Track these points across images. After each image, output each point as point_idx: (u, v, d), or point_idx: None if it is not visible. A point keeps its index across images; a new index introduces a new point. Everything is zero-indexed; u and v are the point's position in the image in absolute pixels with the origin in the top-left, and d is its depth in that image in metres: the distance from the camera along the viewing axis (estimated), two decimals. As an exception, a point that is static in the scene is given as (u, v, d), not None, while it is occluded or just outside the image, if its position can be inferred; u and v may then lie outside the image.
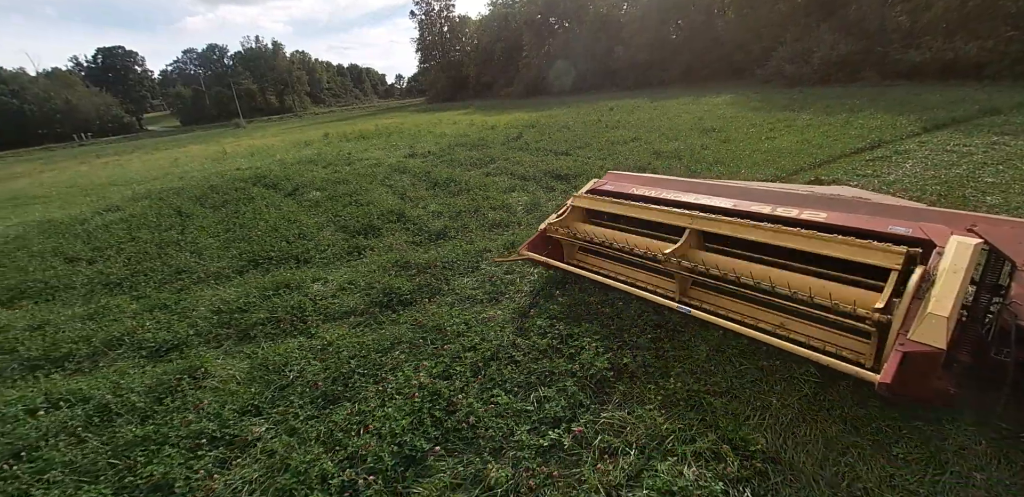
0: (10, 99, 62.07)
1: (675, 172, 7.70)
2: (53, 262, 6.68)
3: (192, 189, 11.26)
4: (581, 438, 2.35)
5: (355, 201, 7.71)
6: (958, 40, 17.62)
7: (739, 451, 2.18)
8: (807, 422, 2.37)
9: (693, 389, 2.58)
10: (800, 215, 2.99)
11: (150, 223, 8.22)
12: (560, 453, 2.28)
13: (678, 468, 2.09)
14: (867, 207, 2.97)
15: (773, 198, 3.32)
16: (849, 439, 2.28)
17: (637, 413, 2.44)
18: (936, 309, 2.11)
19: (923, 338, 2.07)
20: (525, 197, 7.10)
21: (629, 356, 2.91)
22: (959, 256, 2.27)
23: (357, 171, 11.20)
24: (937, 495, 2.01)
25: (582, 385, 2.71)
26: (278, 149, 21.26)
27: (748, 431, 2.28)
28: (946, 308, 2.09)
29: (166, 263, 5.81)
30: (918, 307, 2.20)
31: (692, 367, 2.76)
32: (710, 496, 1.96)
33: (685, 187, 3.89)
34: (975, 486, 2.03)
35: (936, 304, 2.12)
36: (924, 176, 6.77)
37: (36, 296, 5.54)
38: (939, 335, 2.04)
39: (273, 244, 5.88)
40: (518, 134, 14.21)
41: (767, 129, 11.40)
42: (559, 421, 2.47)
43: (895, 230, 2.65)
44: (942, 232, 2.51)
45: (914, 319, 2.15)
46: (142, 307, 4.68)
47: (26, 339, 4.27)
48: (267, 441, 2.52)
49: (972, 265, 2.25)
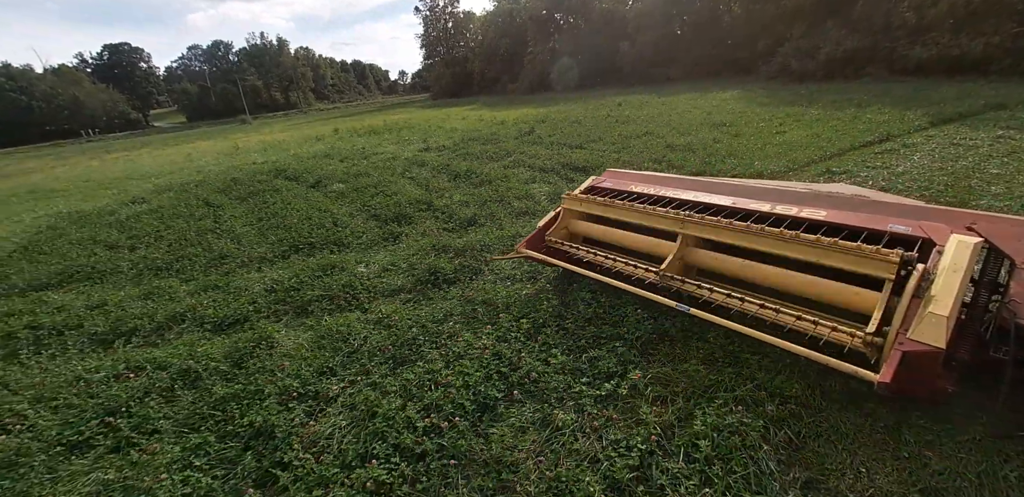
0: (19, 96, 62.44)
1: (690, 164, 7.96)
2: (93, 249, 6.99)
3: (214, 182, 11.57)
4: (634, 387, 2.64)
5: (381, 192, 7.99)
6: (964, 36, 17.74)
7: (775, 397, 2.47)
8: (831, 377, 2.65)
9: (729, 349, 2.87)
10: (800, 213, 2.99)
11: (181, 213, 8.53)
12: (616, 401, 2.58)
13: (723, 410, 2.38)
14: (867, 205, 2.98)
15: (772, 196, 3.31)
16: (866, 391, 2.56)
17: (681, 368, 2.74)
18: (936, 308, 2.13)
19: (923, 337, 2.08)
20: (546, 187, 7.38)
21: (669, 323, 3.20)
22: (959, 255, 2.29)
23: (375, 164, 11.48)
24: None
25: (629, 346, 3.01)
26: (290, 144, 21.51)
27: (782, 381, 2.57)
28: (946, 307, 2.11)
29: (207, 249, 6.11)
30: (918, 306, 2.22)
31: (727, 331, 3.03)
32: (753, 431, 2.25)
33: (684, 185, 3.89)
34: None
35: (936, 303, 2.14)
36: (932, 168, 7.01)
37: (84, 280, 5.84)
38: (939, 334, 2.06)
39: (310, 231, 6.17)
40: (530, 129, 14.46)
41: (776, 124, 11.63)
42: (612, 375, 2.77)
43: (895, 228, 2.66)
44: (942, 231, 2.52)
45: (914, 318, 2.17)
46: (194, 288, 4.98)
47: (88, 317, 4.57)
48: (347, 396, 2.82)
49: (972, 264, 2.27)
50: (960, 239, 2.36)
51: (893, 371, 2.05)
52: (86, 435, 2.81)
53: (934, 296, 2.17)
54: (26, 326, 4.47)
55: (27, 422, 3.02)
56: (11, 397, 3.26)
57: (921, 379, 2.17)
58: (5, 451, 2.73)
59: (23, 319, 4.63)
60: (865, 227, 2.73)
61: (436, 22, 66.25)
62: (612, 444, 2.31)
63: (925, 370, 2.13)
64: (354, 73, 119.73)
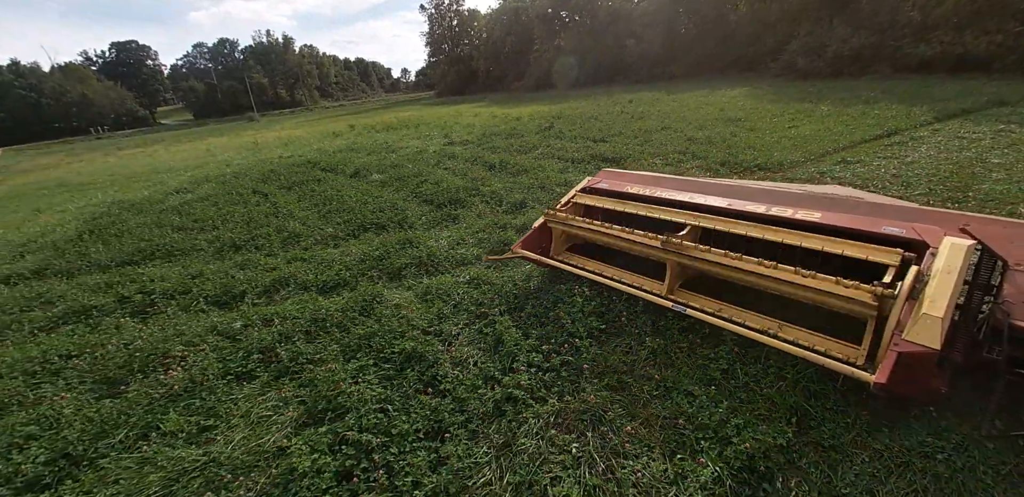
0: (28, 93, 63.05)
1: (713, 155, 8.55)
2: (163, 231, 7.57)
3: (251, 173, 12.14)
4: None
5: (425, 181, 8.57)
6: (968, 35, 18.29)
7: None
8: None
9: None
10: (795, 215, 3.06)
11: (234, 200, 9.09)
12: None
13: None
14: (861, 207, 3.04)
15: (768, 197, 3.37)
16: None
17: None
18: (931, 310, 2.17)
19: (918, 338, 2.13)
20: (582, 176, 7.93)
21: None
22: (952, 257, 2.34)
23: (405, 157, 12.03)
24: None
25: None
26: (308, 140, 22.01)
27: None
28: (940, 309, 2.16)
29: (279, 229, 6.70)
30: (912, 307, 2.26)
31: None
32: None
33: (679, 186, 3.94)
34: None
35: (930, 305, 2.19)
36: (938, 158, 7.59)
37: (165, 257, 6.40)
38: (934, 335, 2.11)
39: (372, 214, 6.77)
40: (549, 124, 15.01)
41: (788, 119, 12.19)
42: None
43: (889, 231, 2.73)
44: (935, 233, 2.58)
45: (909, 319, 2.22)
46: (281, 261, 5.57)
47: (193, 284, 5.15)
48: (468, 333, 3.44)
49: (965, 266, 2.32)
50: (953, 241, 2.43)
51: (889, 372, 2.11)
52: (248, 368, 3.42)
53: (928, 298, 2.22)
54: (138, 291, 5.07)
55: (187, 362, 3.62)
56: (162, 343, 3.85)
57: (916, 380, 2.22)
58: (181, 381, 3.34)
59: (130, 287, 5.22)
60: (860, 229, 2.81)
61: (441, 20, 66.66)
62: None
63: (920, 371, 2.18)
64: (357, 71, 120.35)
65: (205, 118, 73.45)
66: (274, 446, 2.61)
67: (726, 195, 3.52)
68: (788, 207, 3.14)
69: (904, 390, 2.28)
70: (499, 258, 4.41)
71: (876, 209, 2.98)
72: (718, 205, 3.43)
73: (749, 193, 3.49)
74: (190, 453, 2.59)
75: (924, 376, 2.22)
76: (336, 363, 3.21)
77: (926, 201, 5.55)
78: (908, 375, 2.16)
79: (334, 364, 3.16)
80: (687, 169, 7.83)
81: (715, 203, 3.46)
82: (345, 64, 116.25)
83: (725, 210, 3.37)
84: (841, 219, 2.90)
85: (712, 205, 3.46)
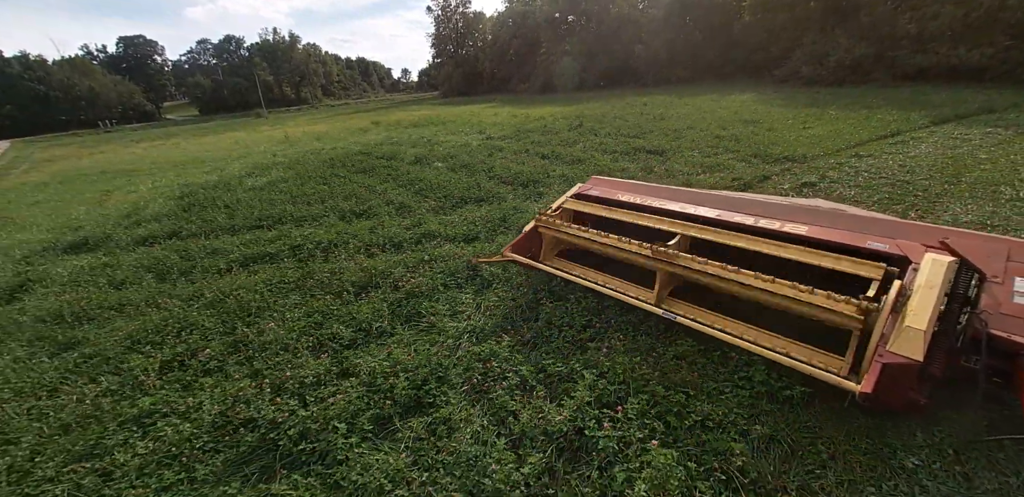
0: (36, 85, 63.53)
1: (744, 149, 9.84)
2: (273, 203, 8.44)
3: (310, 161, 13.11)
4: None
5: (491, 167, 9.76)
6: (962, 47, 19.84)
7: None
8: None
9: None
10: (782, 227, 3.18)
11: (317, 181, 10.09)
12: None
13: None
14: (845, 220, 3.17)
15: (755, 209, 3.47)
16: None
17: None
18: (913, 322, 2.26)
19: (901, 350, 2.22)
20: (634, 164, 9.21)
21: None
22: (933, 273, 2.44)
23: (453, 149, 12.97)
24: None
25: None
26: (338, 135, 22.88)
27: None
28: (923, 321, 2.25)
29: (387, 202, 7.79)
30: (896, 320, 2.36)
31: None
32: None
33: (669, 195, 4.01)
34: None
35: (913, 318, 2.28)
36: (936, 153, 8.90)
37: (294, 222, 7.33)
38: (917, 347, 2.20)
39: (462, 191, 7.92)
40: (579, 123, 16.21)
41: (801, 121, 13.50)
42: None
43: (873, 246, 2.84)
44: (917, 249, 2.70)
45: (893, 332, 2.31)
46: (409, 224, 6.67)
47: (341, 240, 6.10)
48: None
49: (946, 281, 2.42)
50: (934, 258, 2.54)
51: (874, 382, 2.21)
52: (458, 282, 4.63)
53: (911, 311, 2.32)
54: (289, 246, 6.11)
55: (404, 280, 4.73)
56: (368, 270, 4.96)
57: (899, 390, 2.30)
58: (410, 290, 4.48)
59: (276, 244, 6.22)
60: (845, 243, 2.93)
61: (447, 21, 67.65)
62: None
63: (903, 381, 2.27)
64: (358, 70, 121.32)
65: (210, 114, 74.08)
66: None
67: (715, 206, 3.65)
68: (776, 220, 3.28)
69: (887, 400, 2.34)
70: (488, 260, 4.57)
71: (859, 223, 3.13)
72: (708, 215, 3.55)
73: (738, 204, 3.62)
74: (456, 325, 3.84)
75: (907, 387, 2.30)
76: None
77: (928, 184, 6.84)
78: (892, 385, 2.26)
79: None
80: (724, 159, 9.06)
81: (705, 213, 3.58)
82: (347, 63, 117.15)
83: (714, 220, 3.48)
84: (827, 233, 3.04)
85: (702, 215, 3.57)
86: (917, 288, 2.42)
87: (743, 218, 3.38)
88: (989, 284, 2.55)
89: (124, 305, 4.79)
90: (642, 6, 43.73)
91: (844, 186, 7.02)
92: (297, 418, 2.84)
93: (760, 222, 3.29)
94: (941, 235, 2.76)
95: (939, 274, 2.42)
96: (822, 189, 6.96)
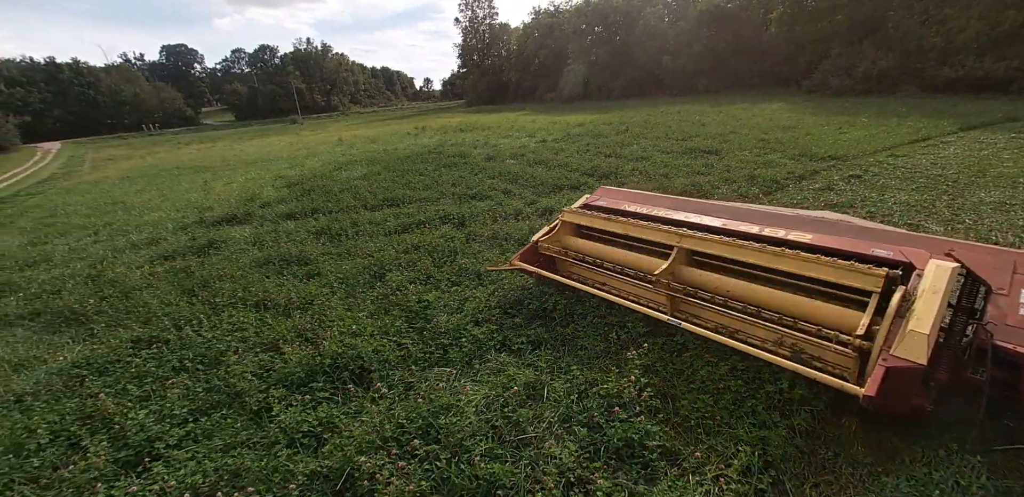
0: (87, 90, 67.06)
1: (789, 149, 11.07)
2: (385, 189, 9.71)
3: (385, 159, 14.35)
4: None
5: (563, 163, 11.10)
6: (987, 60, 20.82)
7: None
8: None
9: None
10: (787, 236, 3.19)
11: (409, 173, 11.33)
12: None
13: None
14: (851, 230, 3.18)
15: (761, 219, 3.50)
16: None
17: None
18: (917, 326, 2.26)
19: (905, 354, 2.23)
20: (695, 162, 10.47)
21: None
22: (938, 278, 2.44)
23: (514, 150, 14.17)
24: None
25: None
26: (388, 138, 23.96)
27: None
28: (926, 326, 2.24)
29: (491, 188, 9.11)
30: (900, 325, 2.36)
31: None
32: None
33: (676, 205, 4.07)
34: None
35: (917, 322, 2.28)
36: (963, 154, 10.02)
37: (417, 203, 8.54)
38: (920, 351, 2.19)
39: (554, 180, 9.27)
40: (626, 127, 17.47)
41: (836, 127, 14.61)
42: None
43: (877, 252, 2.84)
44: (921, 255, 2.70)
45: (896, 336, 2.32)
46: (527, 202, 7.98)
47: (479, 213, 7.44)
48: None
49: (950, 286, 2.42)
50: (939, 264, 2.54)
51: (878, 385, 2.20)
52: None
53: (915, 315, 2.33)
54: (438, 216, 7.44)
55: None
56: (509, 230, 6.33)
57: (903, 395, 2.31)
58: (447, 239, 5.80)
59: (419, 216, 7.50)
60: (849, 250, 2.94)
61: (475, 33, 69.62)
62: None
63: (907, 385, 2.27)
64: (383, 79, 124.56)
65: (246, 120, 77.10)
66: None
67: (721, 215, 3.70)
68: (781, 228, 3.32)
69: (891, 404, 2.36)
70: (498, 269, 4.65)
71: (865, 233, 3.16)
72: (713, 225, 3.59)
73: (744, 215, 3.66)
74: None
75: (910, 392, 2.31)
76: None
77: (957, 177, 8.00)
78: (896, 389, 2.27)
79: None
80: (774, 158, 10.27)
81: (710, 223, 3.63)
82: (372, 72, 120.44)
83: (720, 229, 3.53)
84: (831, 241, 3.06)
85: (707, 224, 3.62)
86: (921, 293, 2.44)
87: (748, 227, 3.44)
88: (995, 296, 2.57)
89: (321, 255, 6.17)
90: (667, 19, 45.05)
91: (885, 178, 8.21)
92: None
93: (765, 231, 3.34)
94: (947, 247, 2.78)
95: (943, 279, 2.45)
96: (867, 180, 8.16)
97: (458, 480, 2.36)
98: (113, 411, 3.03)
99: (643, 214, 4.01)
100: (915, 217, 6.19)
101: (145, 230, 9.13)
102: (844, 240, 3.05)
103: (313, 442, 2.76)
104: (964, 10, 22.36)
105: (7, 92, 59.81)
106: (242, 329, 4.11)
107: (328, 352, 3.53)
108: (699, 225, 3.63)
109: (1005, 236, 5.29)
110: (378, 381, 3.29)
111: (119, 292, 5.49)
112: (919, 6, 24.26)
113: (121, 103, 69.35)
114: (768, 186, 8.11)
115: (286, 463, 2.50)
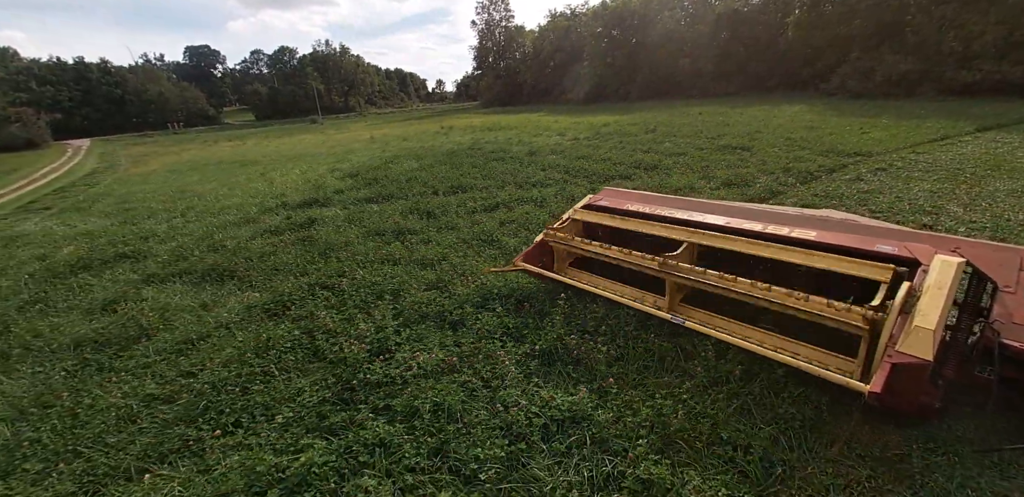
0: (114, 89, 69.01)
1: (816, 146, 11.91)
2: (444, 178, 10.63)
3: (428, 155, 15.19)
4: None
5: (605, 158, 12.00)
6: (1005, 64, 21.47)
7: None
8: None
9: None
10: (791, 233, 3.19)
11: (467, 165, 12.22)
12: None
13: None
14: (855, 228, 3.17)
15: (765, 217, 3.51)
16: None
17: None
18: (922, 322, 2.27)
19: (911, 350, 2.23)
20: (729, 156, 11.35)
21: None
22: (943, 273, 2.43)
23: (551, 146, 14.98)
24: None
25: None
26: (418, 137, 24.46)
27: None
28: (932, 321, 2.25)
29: (548, 178, 10.06)
30: (905, 321, 2.36)
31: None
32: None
33: (679, 204, 4.08)
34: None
35: (922, 318, 2.29)
36: (979, 152, 10.78)
37: (476, 190, 9.41)
38: (926, 347, 2.20)
39: (604, 170, 10.19)
40: (653, 127, 18.28)
41: (858, 128, 15.31)
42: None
43: (881, 248, 2.82)
44: (927, 251, 2.67)
45: (902, 332, 2.32)
46: (587, 190, 8.86)
47: (547, 197, 8.33)
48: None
49: (956, 282, 2.41)
50: (944, 259, 2.53)
51: (884, 382, 2.21)
52: None
53: (920, 312, 2.32)
54: (516, 199, 8.32)
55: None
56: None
57: (909, 391, 2.30)
58: None
59: (494, 200, 8.38)
60: (853, 247, 2.92)
61: (491, 35, 70.51)
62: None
63: (913, 382, 2.27)
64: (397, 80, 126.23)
65: (266, 120, 78.68)
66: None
67: (725, 214, 3.71)
68: (784, 226, 3.32)
69: (897, 401, 2.34)
70: (501, 270, 4.64)
71: (869, 230, 3.14)
72: (717, 223, 3.61)
73: (748, 213, 3.68)
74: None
75: (917, 388, 2.29)
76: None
77: (975, 170, 8.81)
78: (901, 386, 2.25)
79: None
80: (803, 154, 11.09)
81: (714, 221, 3.65)
82: (387, 74, 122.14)
83: (723, 227, 3.53)
84: (835, 237, 3.05)
85: (711, 223, 3.64)
86: (926, 289, 2.43)
87: (752, 225, 3.45)
88: (1002, 294, 2.54)
89: (425, 227, 7.10)
90: (684, 23, 45.73)
91: (909, 171, 9.05)
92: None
93: (768, 228, 3.35)
94: (952, 244, 2.76)
95: (948, 275, 2.44)
96: (892, 173, 8.99)
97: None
98: (333, 326, 3.99)
99: (647, 213, 4.05)
100: (938, 201, 7.02)
101: (230, 213, 10.08)
102: (848, 237, 3.06)
103: (511, 340, 3.76)
104: (982, 15, 22.97)
105: (38, 90, 61.71)
106: (395, 277, 5.06)
107: (492, 285, 4.47)
108: (704, 223, 3.67)
109: (1016, 215, 6.15)
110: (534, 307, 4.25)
111: (254, 255, 6.45)
112: (937, 11, 24.87)
113: (147, 102, 71.25)
114: (803, 177, 8.95)
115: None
